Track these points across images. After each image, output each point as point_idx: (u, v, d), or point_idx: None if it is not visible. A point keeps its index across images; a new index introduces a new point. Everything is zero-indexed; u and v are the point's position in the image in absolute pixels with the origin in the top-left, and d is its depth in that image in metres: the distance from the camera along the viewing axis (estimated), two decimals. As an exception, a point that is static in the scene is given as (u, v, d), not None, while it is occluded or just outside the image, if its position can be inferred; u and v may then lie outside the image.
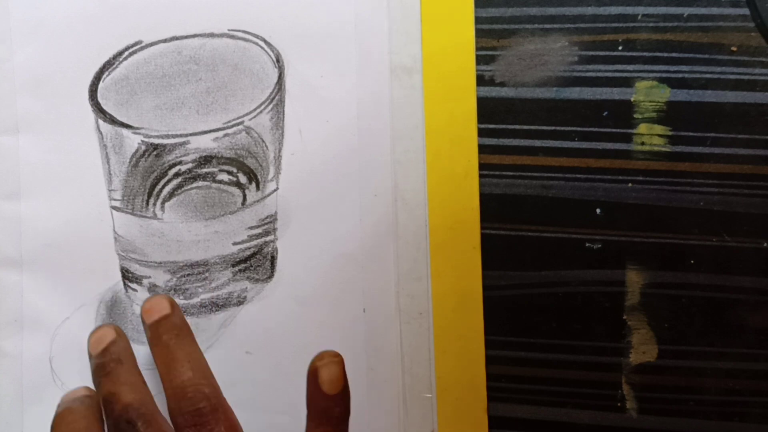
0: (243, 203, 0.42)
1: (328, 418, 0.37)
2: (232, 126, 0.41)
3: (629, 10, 0.40)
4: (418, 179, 0.42)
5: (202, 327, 0.43)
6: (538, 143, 0.41)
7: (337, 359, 0.38)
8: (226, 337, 0.43)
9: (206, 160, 0.42)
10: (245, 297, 0.43)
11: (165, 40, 0.42)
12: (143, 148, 0.41)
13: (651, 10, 0.40)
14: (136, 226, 0.42)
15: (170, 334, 0.38)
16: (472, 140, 0.41)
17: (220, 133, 0.41)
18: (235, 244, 0.42)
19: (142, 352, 0.41)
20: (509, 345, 0.42)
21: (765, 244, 0.40)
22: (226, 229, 0.42)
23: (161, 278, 0.43)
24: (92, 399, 0.37)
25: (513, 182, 0.41)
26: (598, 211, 0.41)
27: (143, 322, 0.38)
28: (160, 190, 0.42)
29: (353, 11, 0.42)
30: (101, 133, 0.42)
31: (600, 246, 0.41)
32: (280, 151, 0.42)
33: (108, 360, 0.37)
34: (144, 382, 0.38)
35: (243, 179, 0.42)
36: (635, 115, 0.40)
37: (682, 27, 0.40)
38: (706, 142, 0.40)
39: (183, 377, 0.36)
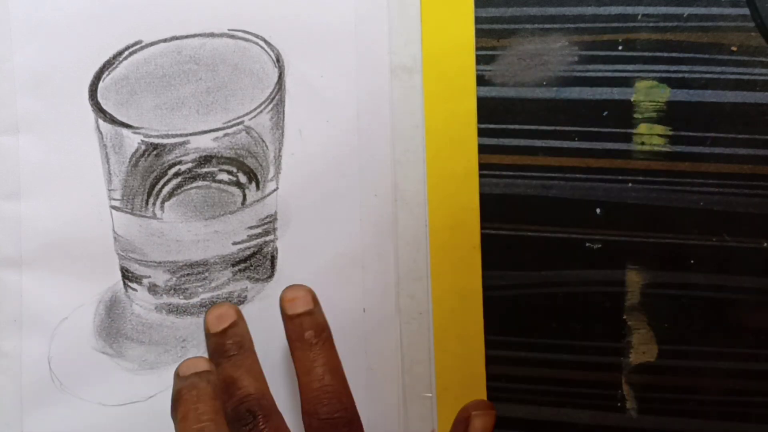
0: (243, 203, 0.42)
1: None
2: (232, 126, 0.41)
3: (629, 10, 0.40)
4: (418, 179, 0.42)
5: (202, 326, 0.43)
6: (538, 143, 0.41)
7: (493, 412, 0.39)
8: (225, 337, 0.43)
9: (206, 159, 0.42)
10: (245, 297, 0.43)
11: (165, 40, 0.42)
12: (143, 147, 0.41)
13: (651, 10, 0.40)
14: (136, 225, 0.42)
15: (313, 331, 0.37)
16: (472, 140, 0.41)
17: (220, 133, 0.41)
18: (234, 243, 0.42)
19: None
20: (509, 345, 0.42)
21: (765, 244, 0.40)
22: (225, 229, 0.42)
23: (161, 278, 0.43)
24: (214, 375, 0.35)
25: (513, 182, 0.41)
26: (598, 211, 0.41)
27: (283, 311, 0.38)
28: (160, 190, 0.42)
29: (353, 11, 0.42)
30: (101, 133, 0.42)
31: (600, 246, 0.41)
32: (280, 151, 0.42)
33: (231, 342, 0.37)
34: (262, 372, 0.38)
35: (243, 179, 0.42)
36: (635, 115, 0.40)
37: (682, 27, 0.40)
38: (706, 142, 0.40)
39: (323, 381, 0.36)
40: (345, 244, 0.42)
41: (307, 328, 0.37)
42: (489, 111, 0.41)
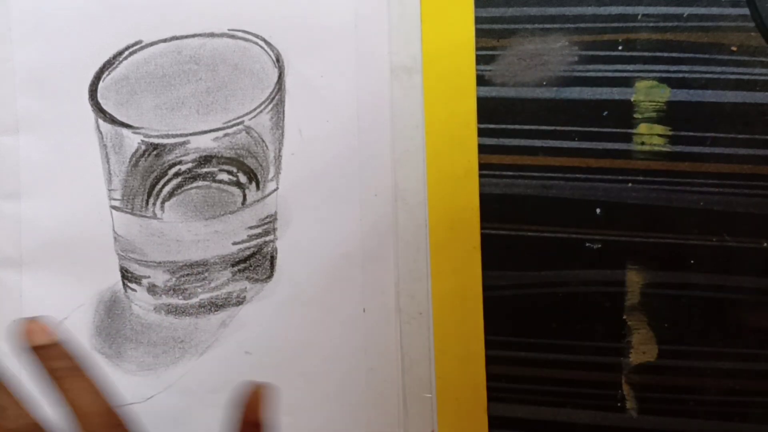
0: (243, 203, 0.42)
1: None
2: (232, 126, 0.41)
3: (629, 10, 0.40)
4: (418, 179, 0.42)
5: (201, 327, 0.43)
6: (538, 143, 0.41)
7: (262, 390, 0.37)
8: (225, 337, 0.43)
9: (206, 159, 0.42)
10: (245, 297, 0.43)
11: (165, 40, 0.42)
12: (143, 147, 0.41)
13: (651, 10, 0.40)
14: (136, 225, 0.42)
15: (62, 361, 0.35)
16: (472, 140, 0.41)
17: (220, 133, 0.41)
18: (234, 243, 0.42)
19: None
20: (509, 345, 0.42)
21: (765, 244, 0.40)
22: (225, 229, 0.42)
23: (160, 278, 0.43)
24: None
25: (513, 182, 0.41)
26: (598, 211, 0.41)
27: (24, 344, 0.35)
28: (160, 190, 0.42)
29: (353, 11, 0.42)
30: (101, 133, 0.42)
31: (600, 246, 0.41)
32: (280, 150, 0.42)
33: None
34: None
35: (243, 179, 0.42)
36: (635, 115, 0.40)
37: (682, 27, 0.40)
38: (706, 142, 0.40)
39: (94, 407, 0.35)
40: (345, 244, 0.42)
41: (56, 358, 0.35)
42: (489, 111, 0.41)
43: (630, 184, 0.41)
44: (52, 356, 0.35)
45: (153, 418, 0.43)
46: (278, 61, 0.42)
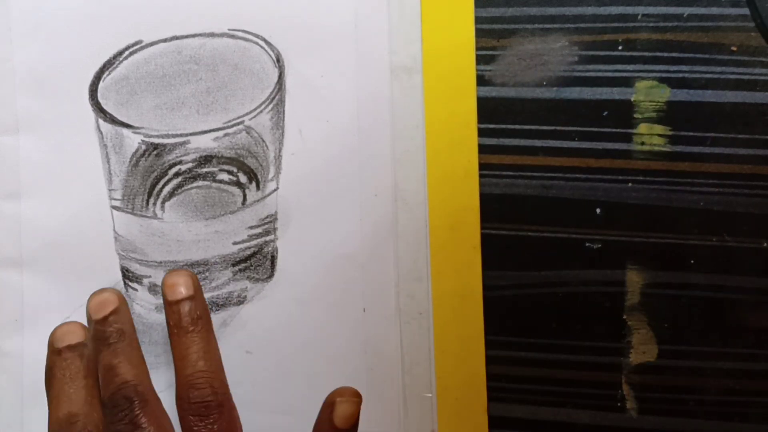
0: (243, 203, 0.42)
1: None
2: (232, 126, 0.41)
3: (629, 10, 0.40)
4: (418, 179, 0.42)
5: (202, 327, 0.43)
6: (538, 143, 0.41)
7: (357, 399, 0.39)
8: (226, 336, 0.43)
9: (206, 159, 0.42)
10: (245, 297, 0.43)
11: (165, 40, 0.42)
12: (143, 147, 0.41)
13: (651, 10, 0.40)
14: (137, 225, 0.42)
15: (190, 318, 0.38)
16: (472, 140, 0.41)
17: (221, 133, 0.41)
18: (235, 243, 0.43)
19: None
20: (509, 345, 0.42)
21: (765, 244, 0.40)
22: (226, 229, 0.42)
23: (161, 278, 0.43)
24: (89, 348, 0.37)
25: (513, 182, 0.41)
26: (598, 211, 0.41)
27: (164, 297, 0.38)
28: (161, 190, 0.42)
29: (353, 11, 0.42)
30: (101, 133, 0.42)
31: (600, 246, 0.41)
32: (280, 150, 0.42)
33: (111, 329, 0.37)
34: (143, 358, 0.38)
35: (243, 179, 0.42)
36: (635, 115, 0.40)
37: (682, 27, 0.40)
38: (706, 142, 0.40)
39: (196, 366, 0.37)
40: (345, 244, 0.42)
41: (185, 315, 0.38)
42: (489, 111, 0.41)
43: (630, 184, 0.41)
44: (184, 311, 0.38)
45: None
46: (278, 61, 0.42)
